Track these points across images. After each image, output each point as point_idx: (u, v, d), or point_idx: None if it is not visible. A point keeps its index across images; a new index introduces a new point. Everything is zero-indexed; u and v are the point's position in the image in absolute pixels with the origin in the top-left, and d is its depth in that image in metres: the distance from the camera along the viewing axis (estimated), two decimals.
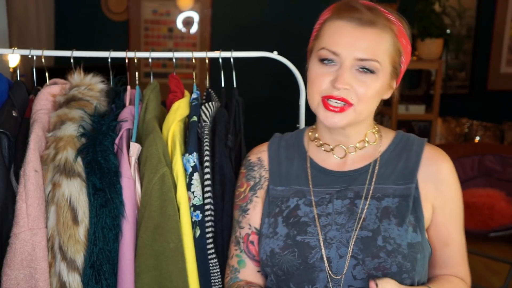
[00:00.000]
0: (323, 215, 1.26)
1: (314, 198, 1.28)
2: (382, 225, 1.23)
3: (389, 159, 1.30)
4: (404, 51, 1.27)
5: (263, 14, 4.87)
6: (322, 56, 1.23)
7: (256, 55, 1.67)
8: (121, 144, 1.45)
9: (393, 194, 1.26)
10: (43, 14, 4.26)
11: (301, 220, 1.27)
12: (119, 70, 1.63)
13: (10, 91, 1.52)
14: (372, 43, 1.20)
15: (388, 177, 1.28)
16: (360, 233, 1.23)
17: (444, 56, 4.87)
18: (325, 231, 1.25)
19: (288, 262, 1.24)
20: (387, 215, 1.24)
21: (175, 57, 1.65)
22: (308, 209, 1.28)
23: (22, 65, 3.43)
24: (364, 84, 1.21)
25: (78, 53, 1.59)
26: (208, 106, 1.56)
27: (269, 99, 4.86)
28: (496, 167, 4.40)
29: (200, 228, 1.45)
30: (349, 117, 1.23)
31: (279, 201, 1.31)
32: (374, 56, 1.20)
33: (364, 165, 1.30)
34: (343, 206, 1.26)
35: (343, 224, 1.25)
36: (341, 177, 1.30)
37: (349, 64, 1.20)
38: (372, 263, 1.20)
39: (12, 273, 1.33)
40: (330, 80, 1.22)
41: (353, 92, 1.21)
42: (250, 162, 1.39)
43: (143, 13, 4.77)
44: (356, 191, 1.27)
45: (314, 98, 1.25)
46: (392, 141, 1.33)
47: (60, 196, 1.37)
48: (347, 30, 1.21)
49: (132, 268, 1.40)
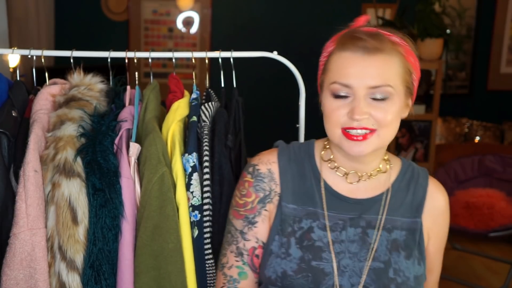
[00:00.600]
0: (336, 242, 1.26)
1: (328, 223, 1.27)
2: (392, 258, 1.25)
3: (398, 189, 1.32)
4: (414, 69, 1.25)
5: (263, 14, 4.87)
6: (335, 91, 1.21)
7: (256, 55, 1.67)
8: (120, 144, 1.45)
9: (401, 227, 1.28)
10: (43, 14, 4.26)
11: (315, 244, 1.25)
12: (119, 70, 1.63)
13: (10, 91, 1.52)
14: (381, 69, 1.19)
15: (397, 209, 1.30)
16: (372, 263, 1.24)
17: (444, 56, 4.87)
18: (339, 259, 1.24)
19: (299, 286, 1.22)
20: (396, 247, 1.26)
21: (175, 57, 1.65)
22: (322, 233, 1.26)
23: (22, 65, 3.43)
24: (381, 109, 1.20)
25: (78, 53, 1.59)
26: (207, 106, 1.56)
27: (269, 99, 4.86)
28: (496, 167, 4.39)
29: (198, 229, 1.45)
30: (373, 144, 1.21)
31: (291, 220, 1.28)
32: (385, 82, 1.19)
33: (377, 194, 1.30)
34: (355, 235, 1.26)
35: (356, 253, 1.25)
36: (355, 204, 1.29)
37: (363, 94, 1.19)
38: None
39: (12, 273, 1.33)
40: (346, 112, 1.20)
41: (373, 120, 1.20)
42: (260, 172, 1.33)
43: (143, 13, 4.77)
44: (368, 220, 1.27)
45: (335, 132, 1.23)
46: (400, 170, 1.34)
47: (60, 196, 1.37)
48: (354, 61, 1.19)
49: (131, 268, 1.40)
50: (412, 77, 1.25)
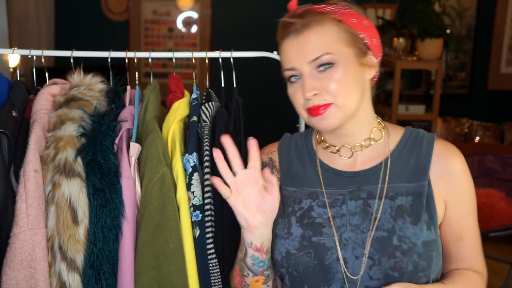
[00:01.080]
0: (337, 217, 1.26)
1: (327, 200, 1.28)
2: (397, 225, 1.23)
3: (400, 157, 1.29)
4: (359, 28, 1.24)
5: (263, 14, 4.86)
6: (287, 76, 1.26)
7: (256, 55, 1.67)
8: (121, 144, 1.45)
9: (406, 193, 1.26)
10: (43, 14, 4.26)
11: (315, 221, 1.27)
12: (119, 70, 1.63)
13: (10, 91, 1.52)
14: (314, 41, 1.21)
15: (400, 175, 1.27)
16: (375, 233, 1.23)
17: (444, 56, 4.87)
18: (340, 232, 1.25)
19: (304, 263, 1.24)
20: (402, 214, 1.24)
21: (175, 57, 1.65)
22: (322, 211, 1.28)
23: (22, 65, 3.43)
24: (330, 79, 1.20)
25: (78, 53, 1.59)
26: (208, 106, 1.56)
27: (269, 99, 4.86)
28: (496, 167, 4.40)
29: (199, 228, 1.45)
30: (337, 115, 1.22)
31: (291, 201, 1.31)
32: (322, 51, 1.20)
33: (375, 164, 1.29)
34: (356, 207, 1.26)
35: (358, 225, 1.25)
36: (353, 177, 1.29)
37: (307, 71, 1.21)
38: (388, 263, 1.20)
39: (12, 273, 1.33)
40: (301, 93, 1.23)
41: (325, 93, 1.21)
42: (262, 161, 1.35)
43: (143, 13, 4.78)
44: (369, 191, 1.27)
45: (302, 114, 1.26)
46: (402, 137, 1.32)
47: (60, 196, 1.37)
48: (290, 44, 1.24)
49: (132, 268, 1.40)
50: (359, 36, 1.24)
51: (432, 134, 1.32)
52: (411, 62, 4.19)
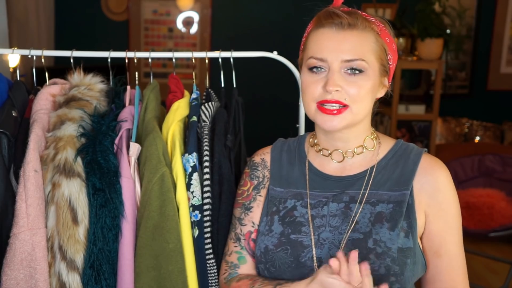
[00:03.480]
0: (318, 217, 1.29)
1: (310, 201, 1.31)
2: (374, 229, 1.25)
3: (386, 166, 1.32)
4: (390, 49, 1.29)
5: (263, 14, 4.87)
6: (311, 65, 1.26)
7: (256, 55, 1.67)
8: (120, 144, 1.45)
9: (388, 200, 1.28)
10: (43, 14, 4.26)
11: (296, 220, 1.30)
12: (119, 70, 1.63)
13: (10, 91, 1.52)
14: (355, 43, 1.23)
15: (384, 184, 1.30)
16: (351, 235, 1.25)
17: (444, 56, 4.87)
18: (319, 232, 1.28)
19: (280, 259, 1.27)
20: (380, 219, 1.26)
21: (175, 57, 1.65)
22: (304, 210, 1.31)
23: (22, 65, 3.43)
24: (355, 84, 1.23)
25: (78, 53, 1.59)
26: (207, 106, 1.56)
27: (269, 99, 4.86)
28: (496, 167, 4.40)
29: (198, 228, 1.45)
30: (346, 119, 1.25)
31: (277, 201, 1.35)
32: (359, 56, 1.23)
33: (361, 171, 1.32)
34: (338, 209, 1.29)
35: (337, 227, 1.27)
36: (339, 182, 1.32)
37: (337, 67, 1.23)
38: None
39: (12, 273, 1.33)
40: (321, 86, 1.24)
41: (345, 93, 1.23)
42: (254, 162, 1.42)
43: (143, 13, 4.78)
44: (352, 195, 1.29)
45: (310, 106, 1.27)
46: (391, 149, 1.34)
47: (60, 196, 1.37)
48: (329, 36, 1.24)
49: (131, 268, 1.40)
50: (387, 56, 1.28)
51: (421, 149, 1.34)
52: (411, 62, 4.19)
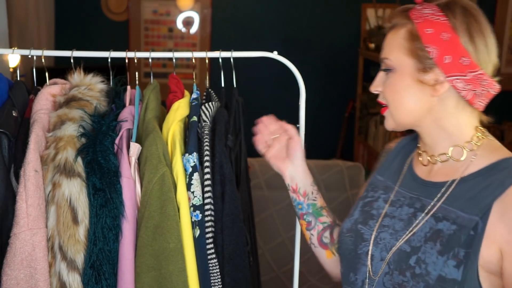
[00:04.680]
0: (389, 216, 1.28)
1: (393, 197, 1.31)
2: (424, 247, 1.16)
3: (470, 183, 1.18)
4: (430, 40, 1.16)
5: (263, 14, 4.87)
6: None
7: (256, 55, 1.67)
8: (121, 144, 1.45)
9: (453, 220, 1.15)
10: (43, 14, 4.26)
11: (371, 211, 1.32)
12: (119, 70, 1.63)
13: (10, 91, 1.52)
14: (386, 43, 1.25)
15: (457, 200, 1.18)
16: (402, 245, 1.20)
17: None
18: (380, 231, 1.26)
19: (344, 243, 1.31)
20: (435, 238, 1.16)
21: (175, 57, 1.65)
22: (382, 205, 1.31)
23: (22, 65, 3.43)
24: (388, 85, 1.25)
25: (78, 53, 1.59)
26: (208, 106, 1.56)
27: (269, 99, 4.86)
28: None
29: (199, 228, 1.45)
30: (389, 120, 1.27)
31: (371, 188, 1.38)
32: (385, 54, 1.25)
33: (443, 181, 1.22)
34: (406, 214, 1.25)
35: (398, 231, 1.23)
36: (421, 185, 1.27)
37: (381, 67, 1.27)
38: (398, 278, 1.18)
39: (12, 273, 1.33)
40: None
41: (384, 94, 1.27)
42: (385, 148, 1.47)
43: (143, 13, 4.78)
44: (424, 203, 1.23)
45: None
46: (489, 165, 1.18)
47: (60, 196, 1.37)
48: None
49: (132, 268, 1.40)
50: (425, 47, 1.17)
51: None
52: None
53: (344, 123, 5.01)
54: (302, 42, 4.74)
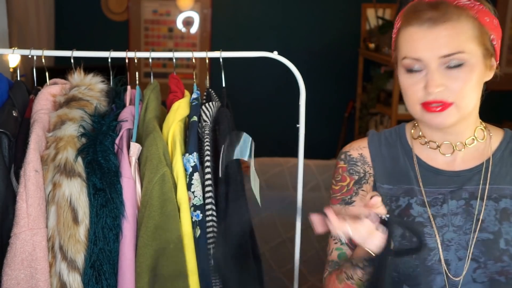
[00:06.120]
0: (438, 216, 1.23)
1: (426, 198, 1.25)
2: (503, 228, 1.19)
3: (502, 158, 1.25)
4: (491, 28, 1.21)
5: (263, 14, 4.87)
6: (407, 66, 1.20)
7: (256, 55, 1.67)
8: (121, 144, 1.45)
9: (511, 196, 1.22)
10: (43, 14, 4.26)
11: (415, 220, 1.24)
12: (119, 70, 1.63)
13: (10, 91, 1.52)
14: (450, 37, 1.17)
15: (503, 177, 1.23)
16: (480, 235, 1.20)
17: None
18: (442, 233, 1.22)
19: (404, 263, 1.21)
20: (507, 217, 1.20)
21: (175, 57, 1.65)
22: (421, 209, 1.24)
23: (22, 65, 3.43)
24: (458, 79, 1.17)
25: (78, 53, 1.59)
26: (208, 106, 1.56)
27: (269, 99, 4.86)
28: None
29: (200, 228, 1.45)
30: (454, 115, 1.19)
31: (388, 200, 1.28)
32: (457, 49, 1.16)
33: (476, 165, 1.25)
34: (458, 207, 1.23)
35: (460, 226, 1.22)
36: (453, 177, 1.25)
37: (435, 65, 1.17)
38: (495, 266, 1.18)
39: (13, 273, 1.33)
40: (422, 86, 1.19)
41: (449, 91, 1.17)
42: (352, 157, 1.34)
43: (143, 13, 4.77)
44: (471, 191, 1.23)
45: (415, 107, 1.22)
46: (503, 139, 1.28)
47: (61, 196, 1.37)
48: (422, 34, 1.18)
49: (132, 268, 1.40)
50: (490, 37, 1.20)
51: None
52: None
53: (344, 123, 5.01)
54: (302, 42, 4.74)
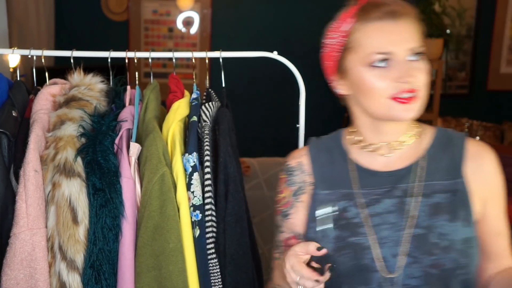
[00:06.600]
0: (373, 215, 1.26)
1: (362, 200, 1.28)
2: (434, 222, 1.23)
3: (434, 155, 1.29)
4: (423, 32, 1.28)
5: (263, 14, 4.87)
6: (375, 61, 1.21)
7: (256, 55, 1.67)
8: (121, 144, 1.45)
9: (442, 190, 1.26)
10: (43, 14, 4.26)
11: (351, 221, 1.26)
12: (119, 70, 1.63)
13: (10, 91, 1.52)
14: (412, 31, 1.23)
15: (435, 174, 1.27)
16: (413, 231, 1.23)
17: (444, 56, 4.87)
18: (378, 231, 1.25)
19: (341, 264, 1.24)
20: (439, 211, 1.24)
21: (175, 57, 1.65)
22: (357, 211, 1.27)
23: (22, 65, 3.43)
24: (421, 70, 1.22)
25: (78, 53, 1.59)
26: (208, 106, 1.56)
27: (269, 99, 4.86)
28: None
29: (200, 228, 1.45)
30: (418, 106, 1.22)
31: (325, 205, 1.30)
32: (419, 42, 1.23)
33: (410, 163, 1.29)
34: (392, 205, 1.26)
35: (395, 223, 1.24)
36: (389, 176, 1.28)
37: (404, 57, 1.21)
38: (428, 260, 1.20)
39: (12, 273, 1.34)
40: (392, 78, 1.20)
41: (417, 82, 1.21)
42: (290, 167, 1.37)
43: (143, 13, 4.77)
44: (404, 189, 1.26)
45: (381, 102, 1.22)
46: (435, 136, 1.32)
47: (60, 196, 1.37)
48: (388, 28, 1.21)
49: (132, 268, 1.40)
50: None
51: (461, 133, 1.33)
52: None
53: (344, 123, 5.02)
54: (302, 42, 4.74)
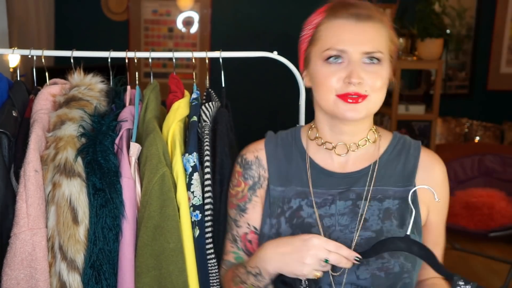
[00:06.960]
0: (326, 216, 1.27)
1: (316, 199, 1.29)
2: (384, 226, 1.25)
3: (388, 161, 1.32)
4: (395, 38, 1.29)
5: (263, 14, 4.87)
6: (328, 56, 1.23)
7: (256, 55, 1.67)
8: (121, 144, 1.45)
9: (393, 196, 1.28)
10: (43, 14, 4.26)
11: (305, 221, 1.28)
12: (119, 70, 1.63)
13: (10, 91, 1.52)
14: (373, 35, 1.23)
15: (388, 179, 1.30)
16: (363, 233, 1.24)
17: (444, 56, 4.88)
18: (329, 232, 1.26)
19: None
20: (389, 216, 1.26)
21: (175, 57, 1.65)
22: (311, 210, 1.28)
23: (22, 65, 3.43)
24: (374, 74, 1.22)
25: (78, 53, 1.59)
26: (208, 106, 1.56)
27: (269, 99, 4.86)
28: (496, 167, 4.40)
29: (199, 228, 1.45)
30: (366, 109, 1.23)
31: (281, 202, 1.32)
32: (377, 48, 1.22)
33: (364, 167, 1.31)
34: (345, 207, 1.27)
35: (347, 225, 1.26)
36: (343, 178, 1.30)
37: (358, 59, 1.22)
38: (376, 263, 1.22)
39: (12, 273, 1.34)
40: (341, 77, 1.22)
41: (366, 85, 1.21)
42: (247, 160, 1.38)
43: (143, 13, 4.78)
44: (358, 192, 1.28)
45: (328, 97, 1.24)
46: (390, 142, 1.35)
47: (60, 196, 1.37)
48: (349, 27, 1.23)
49: (132, 268, 1.40)
50: (393, 47, 1.28)
51: (417, 141, 1.35)
52: (411, 62, 4.19)
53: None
54: None
